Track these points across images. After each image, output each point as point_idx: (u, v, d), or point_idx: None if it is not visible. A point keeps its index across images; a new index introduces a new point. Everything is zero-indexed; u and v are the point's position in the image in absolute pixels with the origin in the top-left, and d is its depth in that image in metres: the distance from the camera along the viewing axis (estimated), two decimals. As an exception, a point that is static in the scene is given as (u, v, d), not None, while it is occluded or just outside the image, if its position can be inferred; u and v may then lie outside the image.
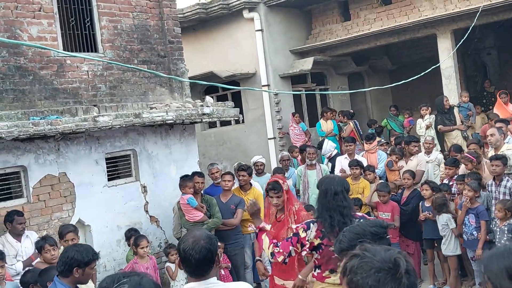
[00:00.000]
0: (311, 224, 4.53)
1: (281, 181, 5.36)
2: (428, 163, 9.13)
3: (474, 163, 7.63)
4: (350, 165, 8.81)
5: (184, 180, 7.90)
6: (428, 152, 9.28)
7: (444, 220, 7.23)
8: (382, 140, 10.89)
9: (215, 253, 3.12)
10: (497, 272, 2.17)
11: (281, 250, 4.53)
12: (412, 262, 2.12)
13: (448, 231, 7.23)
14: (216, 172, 8.62)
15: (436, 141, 10.60)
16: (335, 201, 4.46)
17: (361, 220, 4.35)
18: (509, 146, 7.68)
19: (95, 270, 4.58)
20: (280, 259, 4.54)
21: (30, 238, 6.80)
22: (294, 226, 4.71)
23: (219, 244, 3.39)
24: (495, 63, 15.24)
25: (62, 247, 6.07)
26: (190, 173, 8.37)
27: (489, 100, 13.21)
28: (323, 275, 4.54)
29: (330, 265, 4.47)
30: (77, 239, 6.44)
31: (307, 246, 4.51)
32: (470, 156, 7.70)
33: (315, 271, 4.60)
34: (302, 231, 4.51)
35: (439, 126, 11.21)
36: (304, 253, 4.64)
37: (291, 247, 4.53)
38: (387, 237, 3.09)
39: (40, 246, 6.06)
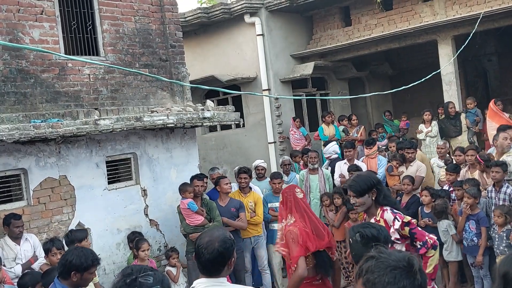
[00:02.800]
0: (395, 210, 4.40)
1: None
2: (443, 169, 9.06)
3: (482, 165, 7.66)
4: (349, 170, 8.84)
5: (184, 184, 7.93)
6: (442, 157, 9.21)
7: (444, 226, 7.24)
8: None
9: (228, 257, 3.15)
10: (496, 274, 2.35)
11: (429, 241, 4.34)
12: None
13: (448, 237, 7.24)
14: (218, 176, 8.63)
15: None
16: None
17: None
18: (510, 153, 7.69)
19: (95, 274, 4.56)
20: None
21: (30, 241, 6.80)
22: (396, 227, 4.33)
23: None
24: (495, 70, 15.27)
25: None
26: (190, 177, 8.40)
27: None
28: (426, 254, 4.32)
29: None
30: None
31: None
32: (479, 158, 7.73)
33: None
34: (405, 216, 4.35)
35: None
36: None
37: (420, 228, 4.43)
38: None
39: (47, 249, 6.09)
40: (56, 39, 7.85)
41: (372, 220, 4.39)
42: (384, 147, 11.15)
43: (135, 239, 7.55)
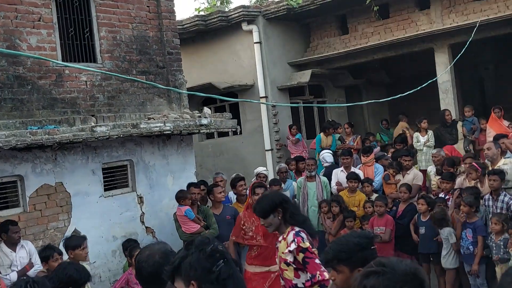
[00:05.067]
0: (301, 233, 4.33)
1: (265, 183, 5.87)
2: (435, 178, 9.04)
3: (479, 173, 7.63)
4: (348, 178, 8.83)
5: (183, 191, 7.92)
6: (438, 165, 9.21)
7: (445, 234, 7.20)
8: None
9: None
10: None
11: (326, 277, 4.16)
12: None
13: (449, 244, 7.20)
14: (220, 181, 8.64)
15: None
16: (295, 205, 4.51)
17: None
18: (506, 161, 7.70)
19: None
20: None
21: (25, 247, 6.77)
22: (291, 249, 4.27)
23: None
24: (492, 78, 15.30)
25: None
26: (186, 184, 8.39)
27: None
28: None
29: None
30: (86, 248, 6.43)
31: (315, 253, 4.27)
32: (476, 165, 7.71)
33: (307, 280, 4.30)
34: (304, 242, 4.26)
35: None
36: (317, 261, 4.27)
37: (317, 260, 4.23)
38: (372, 247, 3.03)
39: (48, 255, 5.98)
40: (53, 45, 7.85)
41: (280, 238, 4.42)
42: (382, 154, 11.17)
43: (129, 247, 7.51)
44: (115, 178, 8.60)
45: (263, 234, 6.02)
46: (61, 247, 6.66)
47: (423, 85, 9.32)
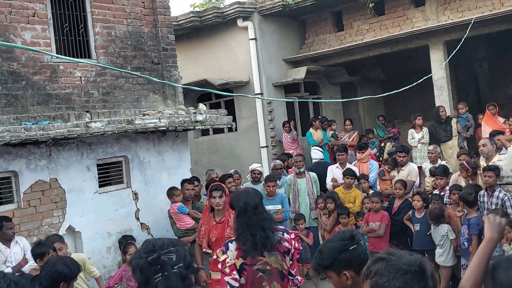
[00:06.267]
0: (229, 244, 4.13)
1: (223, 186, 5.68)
2: (428, 178, 9.04)
3: (469, 172, 7.64)
4: (344, 174, 8.83)
5: (172, 189, 7.91)
6: (434, 162, 9.22)
7: (445, 231, 7.19)
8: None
9: None
10: (506, 283, 2.24)
11: None
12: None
13: (447, 242, 7.20)
14: (216, 178, 8.65)
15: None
16: (256, 216, 4.11)
17: (284, 233, 4.18)
18: (501, 157, 7.70)
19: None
20: None
21: (20, 243, 6.75)
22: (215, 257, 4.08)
23: None
24: (486, 75, 15.35)
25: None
26: (181, 181, 8.37)
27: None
28: None
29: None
30: (64, 247, 6.35)
31: (230, 269, 4.03)
32: (466, 165, 7.71)
33: None
34: (221, 254, 4.09)
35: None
36: (229, 278, 4.02)
37: (226, 278, 4.00)
38: (351, 248, 2.92)
39: (42, 252, 5.87)
40: (48, 41, 7.82)
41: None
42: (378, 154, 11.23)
43: (123, 243, 7.50)
44: (110, 175, 8.59)
45: (217, 239, 5.57)
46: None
47: (418, 82, 9.33)
